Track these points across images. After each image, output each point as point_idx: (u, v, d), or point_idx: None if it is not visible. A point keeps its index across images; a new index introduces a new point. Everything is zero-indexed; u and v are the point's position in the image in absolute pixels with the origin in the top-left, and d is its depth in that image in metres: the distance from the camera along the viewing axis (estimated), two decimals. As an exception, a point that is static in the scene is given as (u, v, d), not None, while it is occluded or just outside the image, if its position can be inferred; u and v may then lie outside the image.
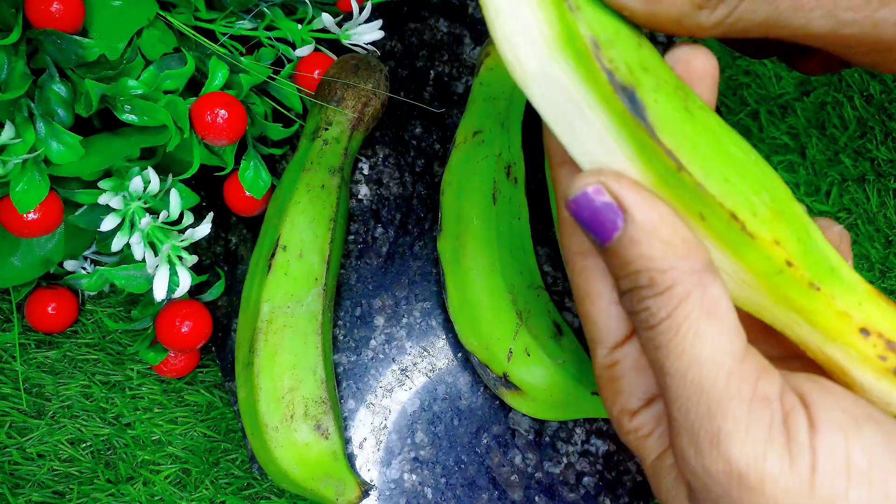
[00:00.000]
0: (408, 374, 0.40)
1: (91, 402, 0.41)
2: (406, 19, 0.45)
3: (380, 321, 0.41)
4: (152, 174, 0.35)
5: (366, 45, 0.42)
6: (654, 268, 0.20)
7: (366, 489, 0.37)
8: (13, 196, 0.33)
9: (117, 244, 0.35)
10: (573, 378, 0.36)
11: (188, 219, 0.37)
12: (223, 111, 0.36)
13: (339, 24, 0.41)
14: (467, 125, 0.40)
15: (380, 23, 0.42)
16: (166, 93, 0.36)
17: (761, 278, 0.21)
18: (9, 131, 0.33)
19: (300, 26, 0.41)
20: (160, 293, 0.35)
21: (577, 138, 0.20)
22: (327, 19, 0.40)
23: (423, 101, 0.44)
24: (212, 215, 0.37)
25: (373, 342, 0.41)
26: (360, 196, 0.43)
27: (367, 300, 0.41)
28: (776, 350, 0.24)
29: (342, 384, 0.40)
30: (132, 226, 0.35)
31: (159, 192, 0.36)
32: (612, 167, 0.21)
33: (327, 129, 0.40)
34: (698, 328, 0.20)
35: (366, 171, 0.43)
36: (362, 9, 0.41)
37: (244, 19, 0.40)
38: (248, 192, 0.39)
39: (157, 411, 0.41)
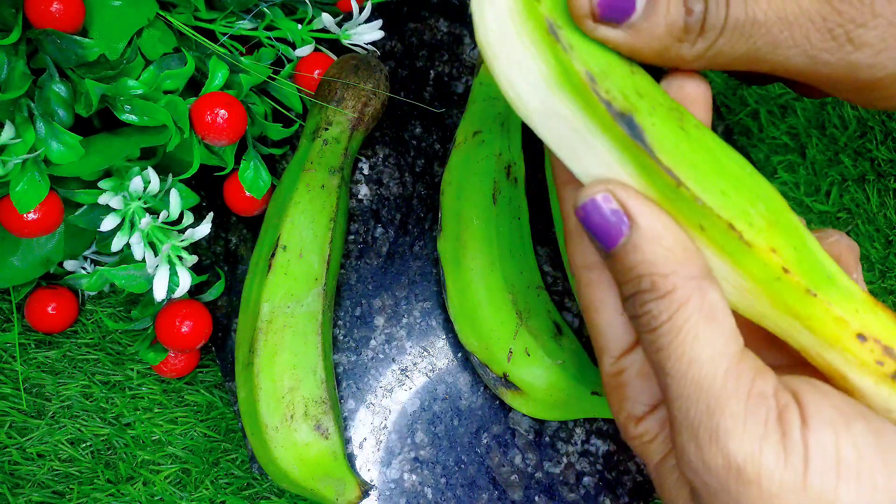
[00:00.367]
0: (408, 374, 0.40)
1: (91, 402, 0.41)
2: (406, 19, 0.45)
3: (380, 321, 0.41)
4: (152, 174, 0.35)
5: (366, 45, 0.42)
6: (656, 272, 0.21)
7: (366, 489, 0.37)
8: (13, 196, 0.33)
9: (117, 244, 0.35)
10: (573, 378, 0.36)
11: (188, 219, 0.37)
12: (223, 111, 0.36)
13: (339, 24, 0.41)
14: (467, 125, 0.40)
15: (380, 23, 0.42)
16: (166, 93, 0.36)
17: (760, 285, 0.22)
18: (9, 131, 0.33)
19: (300, 26, 0.41)
20: (160, 293, 0.35)
21: (580, 162, 0.22)
22: (327, 19, 0.40)
23: (423, 101, 0.44)
24: (212, 215, 0.37)
25: (373, 342, 0.41)
26: (360, 196, 0.43)
27: (367, 300, 0.41)
28: (782, 360, 0.25)
29: (342, 384, 0.40)
30: (132, 226, 0.35)
31: (159, 192, 0.36)
32: None
33: (327, 129, 0.40)
34: (697, 331, 0.21)
35: (366, 171, 0.43)
36: (362, 9, 0.41)
37: (244, 19, 0.40)
38: (248, 192, 0.39)
39: (157, 411, 0.41)
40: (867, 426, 0.20)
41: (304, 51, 0.41)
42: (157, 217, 0.35)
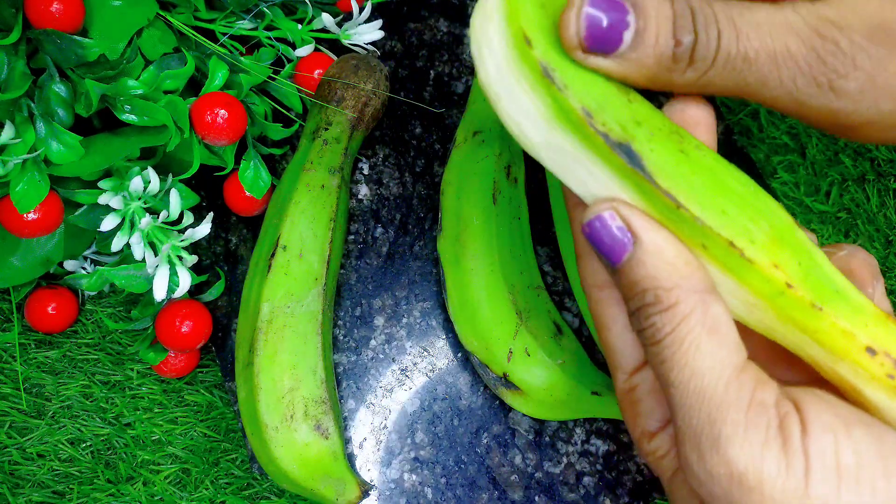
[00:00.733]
0: (408, 374, 0.40)
1: (91, 402, 0.41)
2: (406, 19, 0.45)
3: (380, 321, 0.41)
4: (152, 174, 0.35)
5: (366, 45, 0.42)
6: (659, 286, 0.22)
7: (366, 489, 0.37)
8: (13, 196, 0.33)
9: (117, 244, 0.35)
10: (573, 378, 0.36)
11: (188, 219, 0.37)
12: (223, 111, 0.36)
13: (339, 24, 0.41)
14: (467, 125, 0.40)
15: (380, 23, 0.42)
16: (166, 93, 0.36)
17: (766, 300, 0.22)
18: (9, 131, 0.33)
19: (300, 26, 0.41)
20: (160, 293, 0.35)
21: (586, 187, 0.23)
22: (327, 19, 0.40)
23: (423, 101, 0.44)
24: (212, 215, 0.37)
25: (373, 342, 0.41)
26: (360, 196, 0.43)
27: (367, 300, 0.41)
28: (799, 377, 0.25)
29: (342, 384, 0.40)
30: (132, 226, 0.35)
31: (159, 192, 0.36)
32: None
33: (327, 129, 0.40)
34: (700, 342, 0.21)
35: (366, 171, 0.43)
36: (362, 9, 0.41)
37: (244, 19, 0.40)
38: (248, 192, 0.39)
39: (157, 411, 0.41)
40: (868, 431, 0.21)
41: (304, 51, 0.41)
42: (157, 217, 0.35)
